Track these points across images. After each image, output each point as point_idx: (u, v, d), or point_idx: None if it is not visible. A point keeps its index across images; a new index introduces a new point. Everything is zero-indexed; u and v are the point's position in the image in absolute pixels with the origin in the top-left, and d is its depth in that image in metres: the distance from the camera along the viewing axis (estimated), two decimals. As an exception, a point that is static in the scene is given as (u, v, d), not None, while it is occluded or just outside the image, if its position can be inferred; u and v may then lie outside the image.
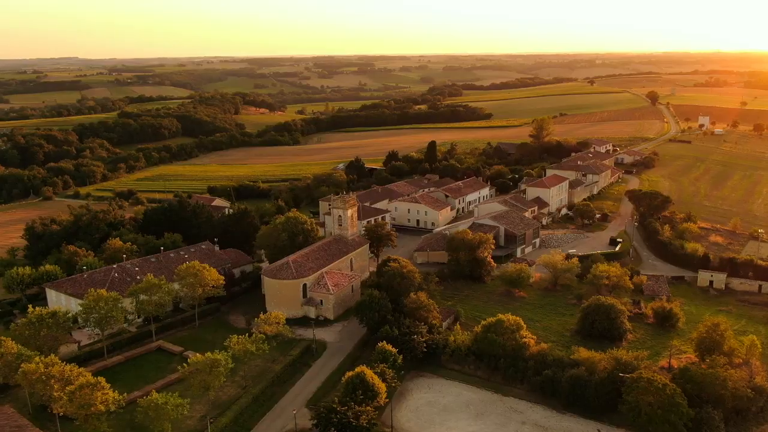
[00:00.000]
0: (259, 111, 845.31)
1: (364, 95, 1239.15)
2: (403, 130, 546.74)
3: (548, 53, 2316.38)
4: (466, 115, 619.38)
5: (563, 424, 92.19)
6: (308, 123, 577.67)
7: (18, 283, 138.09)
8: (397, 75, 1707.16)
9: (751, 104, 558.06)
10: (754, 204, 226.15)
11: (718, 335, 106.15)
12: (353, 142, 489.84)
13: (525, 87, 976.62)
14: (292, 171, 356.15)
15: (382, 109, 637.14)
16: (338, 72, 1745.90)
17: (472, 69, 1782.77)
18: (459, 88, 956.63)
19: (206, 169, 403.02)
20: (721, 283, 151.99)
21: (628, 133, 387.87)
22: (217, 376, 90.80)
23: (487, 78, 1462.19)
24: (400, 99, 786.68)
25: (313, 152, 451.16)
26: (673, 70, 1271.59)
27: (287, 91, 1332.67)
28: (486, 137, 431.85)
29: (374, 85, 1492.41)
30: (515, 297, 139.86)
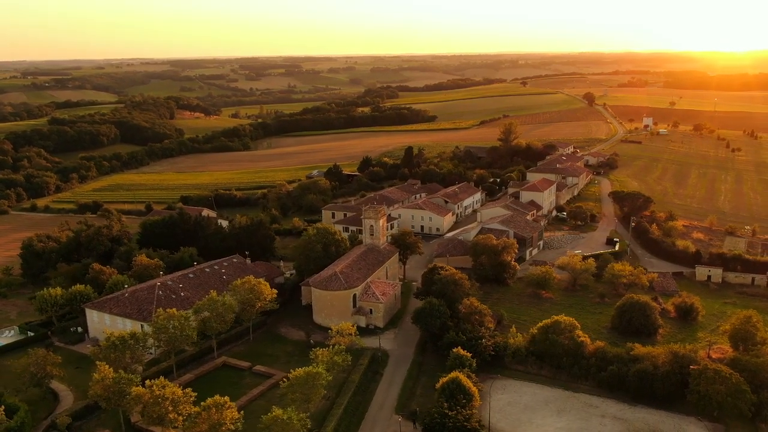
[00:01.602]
0: (194, 115, 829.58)
1: (296, 97, 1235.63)
2: (353, 133, 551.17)
3: (472, 54, 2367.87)
4: (411, 117, 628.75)
5: (638, 416, 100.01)
6: (256, 128, 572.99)
7: (52, 304, 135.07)
8: (326, 76, 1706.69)
9: (679, 104, 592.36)
10: (719, 201, 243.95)
11: (752, 326, 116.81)
12: (306, 146, 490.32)
13: (458, 88, 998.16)
14: (259, 178, 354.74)
15: (328, 113, 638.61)
16: (266, 74, 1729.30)
17: (399, 70, 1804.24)
18: (395, 90, 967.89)
19: (164, 177, 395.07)
20: (718, 277, 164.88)
21: (579, 134, 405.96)
22: (318, 388, 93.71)
23: (415, 79, 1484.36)
24: (341, 102, 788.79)
25: (269, 158, 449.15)
26: (593, 71, 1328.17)
27: (216, 93, 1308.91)
28: (441, 140, 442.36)
29: (304, 87, 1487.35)
30: (543, 298, 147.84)
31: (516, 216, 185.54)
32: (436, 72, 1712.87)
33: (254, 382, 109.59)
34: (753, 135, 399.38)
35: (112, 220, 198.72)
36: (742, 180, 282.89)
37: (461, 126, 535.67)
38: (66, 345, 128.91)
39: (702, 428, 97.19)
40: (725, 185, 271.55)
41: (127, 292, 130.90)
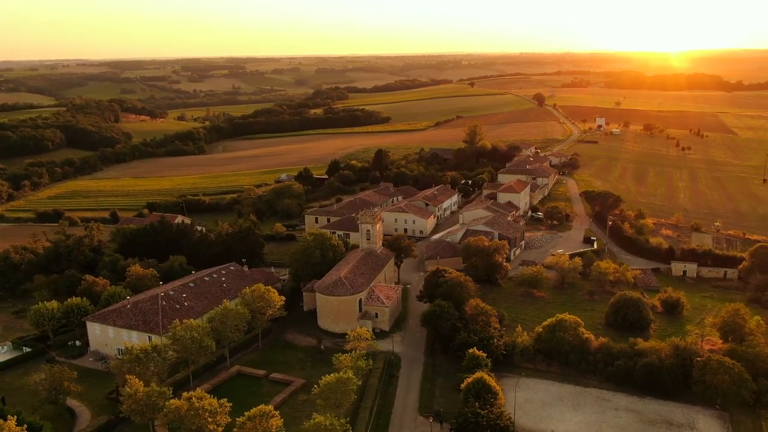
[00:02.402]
0: (139, 118, 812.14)
1: (241, 99, 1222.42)
2: (309, 136, 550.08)
3: (415, 54, 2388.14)
4: (364, 119, 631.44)
5: (648, 407, 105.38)
6: (210, 131, 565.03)
7: (49, 318, 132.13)
8: (271, 78, 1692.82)
9: (624, 104, 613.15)
10: (680, 199, 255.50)
11: (740, 318, 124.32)
12: (264, 149, 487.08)
13: (407, 89, 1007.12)
14: (223, 182, 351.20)
15: (282, 115, 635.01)
16: (209, 75, 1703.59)
17: (344, 71, 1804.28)
18: (344, 91, 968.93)
19: (122, 183, 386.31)
20: (693, 272, 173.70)
21: (536, 135, 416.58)
22: (349, 393, 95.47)
23: (361, 80, 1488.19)
24: (292, 103, 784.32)
25: (228, 162, 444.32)
26: (536, 71, 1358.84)
27: (158, 96, 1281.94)
28: (399, 141, 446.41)
29: (249, 88, 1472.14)
30: (536, 297, 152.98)
31: (498, 217, 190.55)
32: (381, 73, 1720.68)
33: (273, 390, 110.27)
34: (699, 134, 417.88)
35: (92, 230, 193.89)
36: (696, 178, 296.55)
37: (417, 127, 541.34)
38: (67, 360, 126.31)
39: (708, 416, 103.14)
40: (682, 183, 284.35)
41: (129, 303, 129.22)
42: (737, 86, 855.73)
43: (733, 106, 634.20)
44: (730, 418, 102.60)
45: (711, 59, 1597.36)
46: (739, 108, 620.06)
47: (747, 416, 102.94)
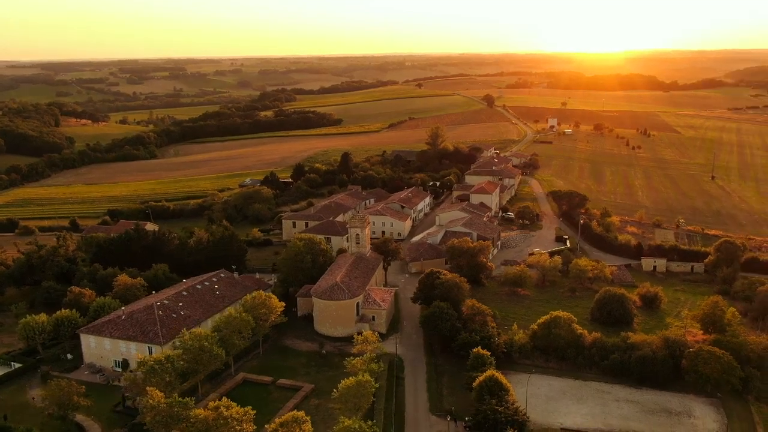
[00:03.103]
0: (81, 122, 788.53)
1: (184, 101, 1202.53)
2: (263, 139, 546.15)
3: (358, 55, 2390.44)
4: (316, 121, 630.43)
5: (646, 397, 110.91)
6: (160, 135, 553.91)
7: (39, 332, 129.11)
8: (213, 79, 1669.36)
9: (570, 104, 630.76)
10: (639, 197, 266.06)
11: (719, 310, 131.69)
12: (219, 153, 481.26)
13: (354, 90, 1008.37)
14: (182, 188, 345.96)
15: (233, 118, 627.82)
16: (149, 77, 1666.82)
17: (288, 72, 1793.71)
18: (291, 93, 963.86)
19: (74, 190, 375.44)
20: (663, 267, 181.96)
21: (492, 135, 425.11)
22: (368, 396, 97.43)
23: (305, 81, 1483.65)
24: (240, 105, 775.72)
25: (183, 166, 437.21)
26: (479, 72, 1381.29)
27: (97, 99, 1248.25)
28: (357, 144, 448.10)
29: (191, 90, 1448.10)
30: (521, 295, 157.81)
31: (474, 218, 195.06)
32: (325, 74, 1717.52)
33: (283, 396, 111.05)
34: (646, 133, 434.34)
35: (66, 240, 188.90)
36: (650, 176, 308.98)
37: (371, 129, 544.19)
38: (61, 374, 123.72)
39: (702, 404, 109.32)
40: (638, 181, 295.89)
41: (123, 314, 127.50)
42: (673, 86, 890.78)
43: (672, 106, 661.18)
44: (722, 404, 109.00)
45: (643, 60, 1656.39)
46: (677, 107, 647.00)
47: (737, 402, 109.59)
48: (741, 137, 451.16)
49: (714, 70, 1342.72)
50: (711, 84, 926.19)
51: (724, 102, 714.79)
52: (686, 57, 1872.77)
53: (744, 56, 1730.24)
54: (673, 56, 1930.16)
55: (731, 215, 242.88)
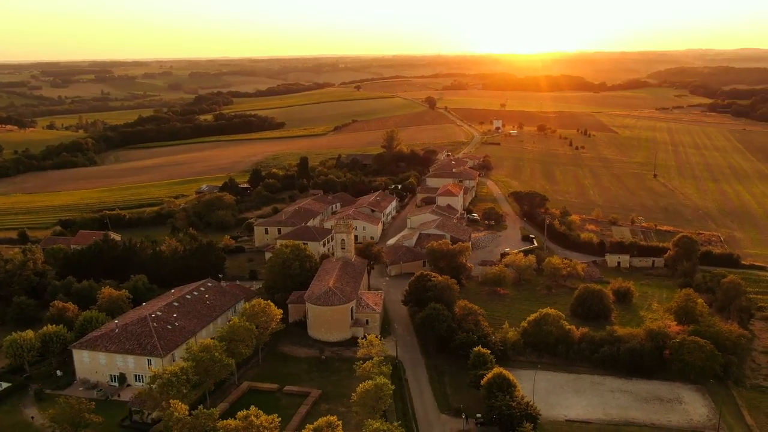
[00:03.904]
0: (6, 128, 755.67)
1: (113, 105, 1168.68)
2: (207, 143, 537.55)
3: (290, 57, 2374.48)
4: (258, 124, 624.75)
5: (638, 387, 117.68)
6: (98, 141, 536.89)
7: (28, 349, 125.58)
8: (142, 82, 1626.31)
9: (508, 105, 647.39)
10: (591, 195, 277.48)
11: (692, 303, 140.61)
12: (163, 159, 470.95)
13: (291, 93, 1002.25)
14: (132, 195, 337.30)
15: (172, 123, 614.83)
16: (74, 80, 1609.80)
17: (220, 75, 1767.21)
18: (228, 96, 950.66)
19: (14, 200, 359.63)
20: (626, 263, 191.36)
21: (440, 137, 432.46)
22: (385, 399, 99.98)
23: (239, 84, 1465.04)
24: (177, 110, 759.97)
25: (126, 173, 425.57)
26: (413, 74, 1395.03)
27: (19, 103, 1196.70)
28: (305, 147, 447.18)
29: (119, 93, 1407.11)
30: (501, 295, 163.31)
31: (446, 220, 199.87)
32: (259, 76, 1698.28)
33: (292, 403, 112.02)
34: (587, 134, 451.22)
35: (34, 253, 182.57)
36: (597, 175, 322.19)
37: (317, 132, 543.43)
38: (55, 391, 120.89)
39: (688, 390, 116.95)
40: (587, 180, 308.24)
41: (117, 327, 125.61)
42: (602, 87, 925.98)
43: (604, 106, 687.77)
44: (706, 390, 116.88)
45: (569, 61, 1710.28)
46: (609, 108, 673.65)
47: (719, 388, 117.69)
48: (672, 136, 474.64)
49: (637, 71, 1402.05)
50: (636, 85, 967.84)
51: (650, 102, 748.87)
52: (609, 58, 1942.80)
53: (663, 58, 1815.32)
54: (596, 57, 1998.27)
55: (678, 211, 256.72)
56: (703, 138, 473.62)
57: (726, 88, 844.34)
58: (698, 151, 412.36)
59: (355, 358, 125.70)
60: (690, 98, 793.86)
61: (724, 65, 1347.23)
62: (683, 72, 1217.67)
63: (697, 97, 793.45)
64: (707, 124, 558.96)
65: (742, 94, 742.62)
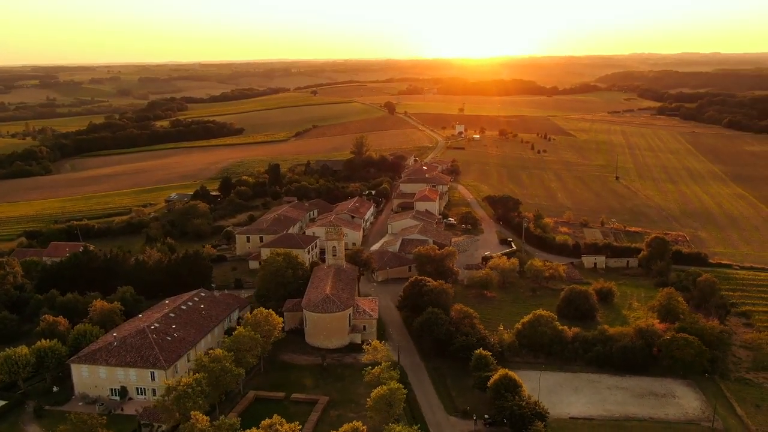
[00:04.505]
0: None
1: (61, 111, 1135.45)
2: (168, 150, 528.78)
3: (241, 61, 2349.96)
4: (217, 130, 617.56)
5: (632, 383, 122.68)
6: (52, 149, 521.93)
7: (24, 365, 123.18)
8: (89, 88, 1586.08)
9: (466, 110, 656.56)
10: (559, 198, 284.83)
11: (674, 301, 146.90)
12: (123, 167, 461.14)
13: (246, 98, 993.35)
14: (96, 205, 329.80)
15: (129, 130, 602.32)
16: (16, 86, 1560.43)
17: (170, 80, 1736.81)
18: (182, 102, 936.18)
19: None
20: (602, 264, 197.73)
21: (404, 143, 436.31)
22: (399, 402, 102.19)
23: (190, 89, 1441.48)
24: (132, 116, 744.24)
25: (86, 182, 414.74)
26: (366, 78, 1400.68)
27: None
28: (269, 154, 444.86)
29: (66, 99, 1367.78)
30: (488, 297, 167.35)
31: (427, 225, 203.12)
32: (210, 81, 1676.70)
33: (301, 410, 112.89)
34: (546, 137, 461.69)
35: (13, 266, 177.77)
36: (562, 178, 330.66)
37: (278, 138, 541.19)
38: (54, 407, 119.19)
39: (679, 385, 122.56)
40: (553, 183, 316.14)
41: (116, 340, 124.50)
42: (554, 91, 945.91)
43: (558, 110, 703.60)
44: (695, 384, 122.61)
45: (518, 65, 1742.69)
46: (563, 111, 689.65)
47: (707, 382, 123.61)
48: (628, 139, 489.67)
49: (585, 75, 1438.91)
50: (587, 89, 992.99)
51: (602, 106, 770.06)
52: (558, 62, 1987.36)
53: (610, 62, 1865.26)
54: (545, 62, 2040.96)
55: (643, 213, 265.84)
56: (657, 140, 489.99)
57: (672, 91, 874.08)
58: (653, 154, 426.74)
59: (356, 364, 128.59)
60: (639, 101, 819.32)
61: (668, 69, 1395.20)
62: (630, 76, 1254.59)
63: (646, 101, 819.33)
64: (658, 126, 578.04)
65: (688, 98, 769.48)
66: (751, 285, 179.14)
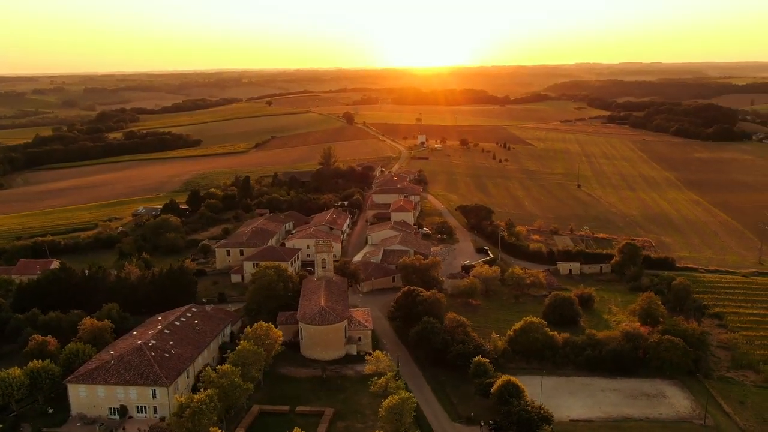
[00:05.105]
0: None
1: (4, 123, 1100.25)
2: (124, 163, 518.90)
3: (190, 71, 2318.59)
4: (173, 142, 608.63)
5: (623, 385, 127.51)
6: (2, 162, 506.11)
7: (18, 387, 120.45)
8: (32, 99, 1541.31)
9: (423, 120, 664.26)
10: (526, 207, 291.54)
11: (654, 305, 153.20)
12: (79, 180, 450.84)
13: (199, 109, 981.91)
14: (57, 220, 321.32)
15: (82, 142, 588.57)
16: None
17: (117, 90, 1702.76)
18: (133, 113, 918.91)
19: None
20: (577, 270, 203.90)
21: (367, 153, 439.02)
22: (410, 412, 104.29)
23: (138, 99, 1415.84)
24: (83, 128, 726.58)
25: (42, 196, 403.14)
26: (319, 88, 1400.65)
27: None
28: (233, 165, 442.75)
29: (8, 111, 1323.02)
30: (473, 306, 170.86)
31: (407, 236, 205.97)
32: (159, 92, 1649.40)
33: (308, 423, 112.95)
34: (506, 146, 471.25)
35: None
36: (526, 187, 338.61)
37: (238, 150, 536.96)
38: (51, 429, 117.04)
39: (668, 385, 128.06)
40: (519, 192, 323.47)
41: (112, 359, 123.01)
42: (506, 100, 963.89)
43: (512, 119, 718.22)
44: (682, 383, 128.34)
45: (467, 75, 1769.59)
46: (518, 121, 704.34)
47: (693, 381, 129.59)
48: (583, 147, 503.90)
49: (533, 84, 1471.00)
50: (538, 98, 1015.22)
51: (553, 114, 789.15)
52: (506, 72, 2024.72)
53: (556, 71, 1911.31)
54: (493, 71, 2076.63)
55: (608, 219, 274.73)
56: (610, 148, 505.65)
57: (620, 100, 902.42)
58: (609, 161, 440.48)
59: (355, 375, 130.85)
60: (589, 110, 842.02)
61: (613, 78, 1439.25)
62: (577, 85, 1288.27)
63: (595, 110, 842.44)
64: (610, 135, 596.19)
65: (635, 106, 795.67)
66: (719, 288, 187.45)
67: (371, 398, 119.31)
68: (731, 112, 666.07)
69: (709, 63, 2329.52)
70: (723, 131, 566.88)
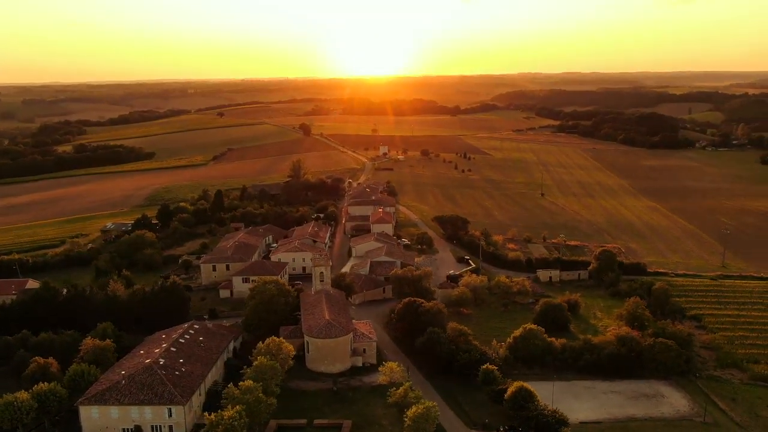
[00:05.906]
0: None
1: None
2: (79, 177, 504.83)
3: (132, 82, 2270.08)
4: (126, 155, 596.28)
5: (623, 387, 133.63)
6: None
7: (27, 411, 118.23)
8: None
9: (379, 130, 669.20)
10: (496, 216, 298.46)
11: (641, 309, 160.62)
12: (34, 195, 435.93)
13: (147, 121, 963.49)
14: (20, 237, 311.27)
15: (33, 156, 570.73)
16: None
17: (57, 102, 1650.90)
18: (78, 125, 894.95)
19: None
20: (557, 277, 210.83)
21: (330, 164, 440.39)
22: (433, 421, 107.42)
23: (80, 111, 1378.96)
24: (28, 141, 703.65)
25: None
26: (269, 99, 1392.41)
27: None
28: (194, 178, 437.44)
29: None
30: (465, 315, 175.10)
31: (391, 247, 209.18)
32: (101, 103, 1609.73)
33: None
34: (466, 156, 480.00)
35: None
36: (493, 197, 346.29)
37: (195, 162, 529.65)
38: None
39: (663, 386, 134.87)
40: (486, 202, 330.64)
41: (123, 379, 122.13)
42: (457, 110, 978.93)
43: (464, 129, 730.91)
44: (676, 383, 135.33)
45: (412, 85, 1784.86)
46: (470, 130, 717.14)
47: (685, 381, 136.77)
48: (539, 156, 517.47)
49: (480, 93, 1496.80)
50: (487, 108, 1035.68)
51: (505, 124, 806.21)
52: (450, 82, 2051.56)
53: (501, 81, 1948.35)
54: (438, 81, 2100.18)
55: (575, 227, 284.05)
56: (565, 157, 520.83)
57: (567, 109, 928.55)
58: (566, 170, 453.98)
59: (364, 387, 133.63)
60: (538, 120, 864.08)
61: (556, 88, 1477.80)
62: (523, 95, 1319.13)
63: (544, 119, 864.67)
64: (562, 144, 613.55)
65: (581, 115, 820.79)
66: (692, 291, 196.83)
67: (385, 409, 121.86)
68: (672, 121, 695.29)
69: (645, 73, 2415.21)
70: (668, 139, 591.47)
